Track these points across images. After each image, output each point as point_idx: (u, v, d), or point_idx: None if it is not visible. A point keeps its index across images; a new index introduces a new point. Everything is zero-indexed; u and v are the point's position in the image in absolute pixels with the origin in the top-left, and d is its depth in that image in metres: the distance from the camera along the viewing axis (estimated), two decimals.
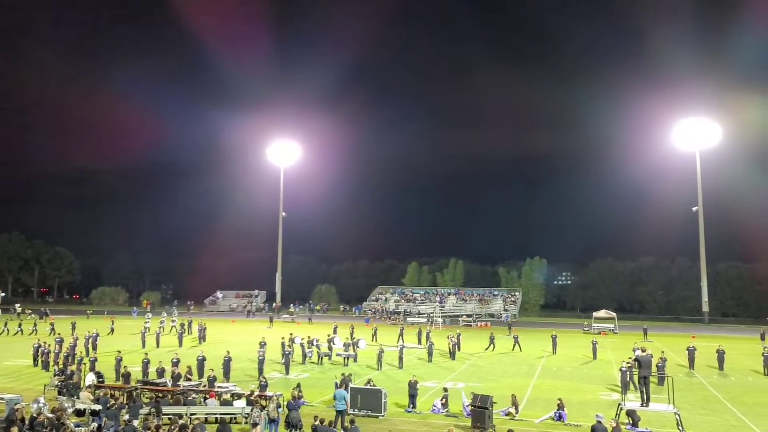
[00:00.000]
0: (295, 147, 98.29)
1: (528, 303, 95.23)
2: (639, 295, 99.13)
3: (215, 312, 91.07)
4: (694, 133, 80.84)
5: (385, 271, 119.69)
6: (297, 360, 35.79)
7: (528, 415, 23.50)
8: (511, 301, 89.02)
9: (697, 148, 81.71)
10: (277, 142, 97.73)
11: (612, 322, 65.13)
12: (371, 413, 22.88)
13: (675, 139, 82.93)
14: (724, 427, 22.29)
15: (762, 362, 34.73)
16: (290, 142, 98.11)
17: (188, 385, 25.31)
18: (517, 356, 41.66)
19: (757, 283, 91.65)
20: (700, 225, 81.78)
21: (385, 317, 78.86)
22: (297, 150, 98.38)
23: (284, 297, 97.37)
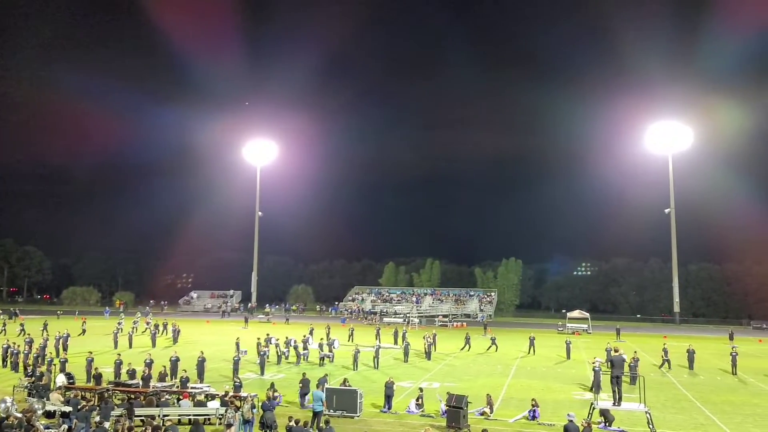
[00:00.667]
0: (272, 146, 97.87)
1: (503, 303, 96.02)
2: (612, 296, 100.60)
3: (190, 312, 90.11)
4: (666, 137, 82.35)
5: (362, 271, 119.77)
6: (272, 360, 35.58)
7: (502, 414, 23.68)
8: (487, 301, 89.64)
9: (670, 151, 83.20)
10: (253, 142, 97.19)
11: (585, 323, 65.93)
12: (347, 414, 22.85)
13: (648, 143, 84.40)
14: (692, 425, 22.71)
15: (731, 362, 35.45)
16: (267, 142, 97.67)
17: (161, 386, 25.00)
18: (493, 356, 41.94)
19: (727, 284, 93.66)
20: (672, 227, 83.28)
21: (362, 317, 78.84)
22: (273, 149, 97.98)
23: (260, 297, 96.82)
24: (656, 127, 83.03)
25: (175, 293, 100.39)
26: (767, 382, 32.66)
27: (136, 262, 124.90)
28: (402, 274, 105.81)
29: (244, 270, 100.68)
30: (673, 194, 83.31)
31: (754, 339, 60.38)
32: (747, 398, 27.95)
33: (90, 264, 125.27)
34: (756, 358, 42.54)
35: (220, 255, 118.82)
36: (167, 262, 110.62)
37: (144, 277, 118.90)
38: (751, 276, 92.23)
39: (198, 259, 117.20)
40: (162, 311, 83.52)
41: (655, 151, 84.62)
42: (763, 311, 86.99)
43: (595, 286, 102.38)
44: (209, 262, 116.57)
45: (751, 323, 79.51)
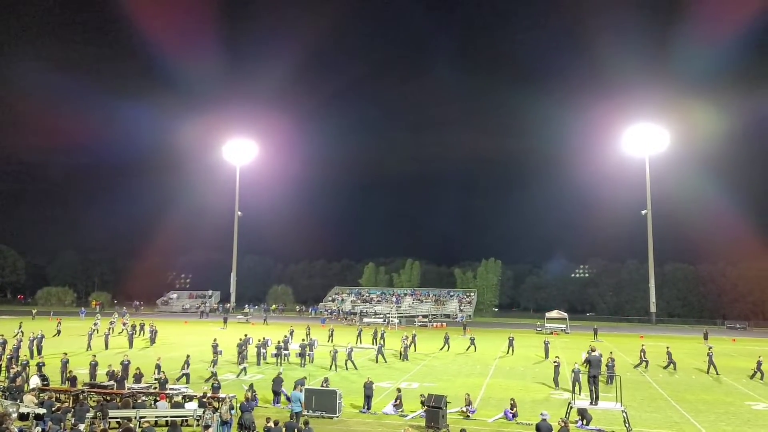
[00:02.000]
0: (252, 146, 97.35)
1: (483, 303, 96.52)
2: (590, 296, 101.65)
3: (168, 313, 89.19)
4: (643, 139, 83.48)
5: (342, 272, 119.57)
6: (252, 361, 35.36)
7: (481, 414, 23.78)
8: (467, 301, 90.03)
9: (647, 154, 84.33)
10: (233, 141, 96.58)
11: (564, 323, 66.55)
12: (326, 414, 22.78)
13: (625, 145, 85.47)
14: (667, 423, 23.02)
15: (708, 361, 36.01)
16: (246, 141, 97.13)
17: (137, 387, 24.70)
18: (472, 356, 42.11)
19: (701, 285, 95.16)
20: (649, 228, 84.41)
21: (342, 318, 78.70)
22: (253, 149, 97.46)
23: (239, 297, 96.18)
24: (633, 130, 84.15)
25: (152, 293, 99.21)
26: (740, 380, 33.26)
27: (113, 262, 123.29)
28: (382, 275, 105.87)
29: (223, 270, 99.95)
30: (649, 196, 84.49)
31: (728, 338, 61.48)
32: (721, 397, 28.43)
33: (65, 264, 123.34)
34: (730, 357, 43.27)
35: (198, 255, 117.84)
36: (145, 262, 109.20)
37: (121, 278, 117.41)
38: (725, 277, 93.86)
39: (176, 259, 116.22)
40: (137, 311, 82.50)
41: (633, 153, 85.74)
42: (736, 311, 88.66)
43: (573, 287, 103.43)
44: (188, 262, 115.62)
45: (725, 323, 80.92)
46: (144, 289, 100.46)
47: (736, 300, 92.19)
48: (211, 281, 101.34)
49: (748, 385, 32.02)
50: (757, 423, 23.26)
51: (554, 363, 30.68)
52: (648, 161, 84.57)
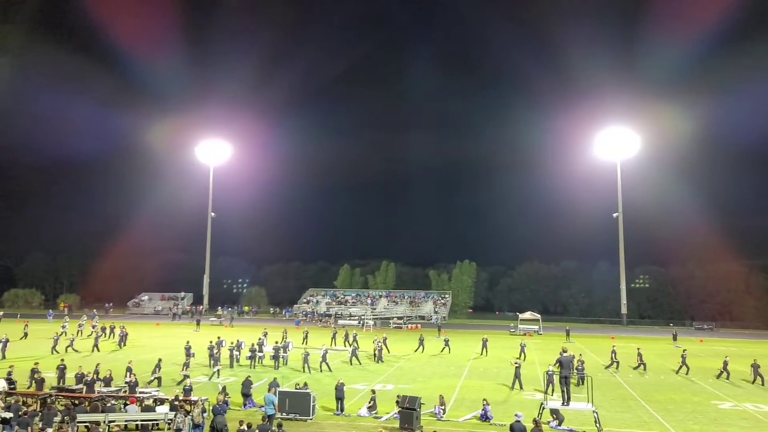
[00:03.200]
0: (226, 146, 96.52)
1: (457, 305, 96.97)
2: (562, 298, 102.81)
3: (139, 315, 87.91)
4: (614, 143, 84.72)
5: (317, 273, 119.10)
6: (225, 363, 35.04)
7: (454, 415, 23.91)
8: (441, 303, 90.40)
9: (618, 158, 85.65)
10: (206, 141, 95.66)
11: (537, 324, 67.20)
12: (299, 417, 22.67)
13: (597, 149, 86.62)
14: (637, 423, 23.40)
15: (681, 362, 36.65)
16: (220, 141, 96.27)
17: (107, 391, 24.30)
18: (446, 358, 42.29)
19: (671, 287, 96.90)
20: (620, 231, 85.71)
21: (316, 320, 78.41)
22: (227, 149, 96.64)
23: (212, 299, 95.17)
24: (605, 133, 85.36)
25: (123, 295, 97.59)
26: (707, 380, 33.94)
27: (82, 263, 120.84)
28: (357, 276, 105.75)
29: (196, 272, 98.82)
30: (621, 200, 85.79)
31: (696, 339, 62.68)
32: (688, 396, 28.98)
33: (33, 265, 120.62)
34: (698, 357, 44.11)
35: (171, 256, 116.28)
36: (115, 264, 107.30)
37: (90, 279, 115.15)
38: (694, 279, 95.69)
39: (148, 261, 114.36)
40: (107, 314, 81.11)
41: (604, 157, 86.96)
42: (704, 312, 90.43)
43: (546, 288, 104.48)
44: (160, 264, 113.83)
45: (693, 324, 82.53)
46: (114, 291, 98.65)
47: (704, 301, 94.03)
48: (183, 283, 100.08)
49: (714, 384, 32.70)
50: (723, 422, 23.77)
51: (515, 365, 30.87)
52: (619, 165, 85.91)
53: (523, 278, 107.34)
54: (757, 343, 60.57)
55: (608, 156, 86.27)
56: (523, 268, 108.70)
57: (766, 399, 28.64)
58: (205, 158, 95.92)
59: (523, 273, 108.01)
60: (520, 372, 30.47)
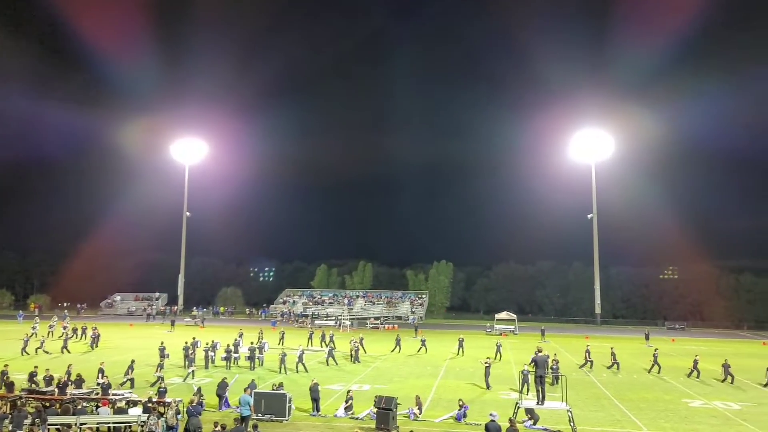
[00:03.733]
0: (201, 145, 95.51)
1: (434, 305, 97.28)
2: (538, 298, 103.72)
3: (112, 315, 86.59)
4: (589, 145, 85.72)
5: (294, 274, 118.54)
6: (200, 364, 34.69)
7: (431, 415, 23.97)
8: (418, 303, 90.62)
9: (593, 160, 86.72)
10: (182, 140, 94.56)
11: (512, 324, 67.69)
12: (275, 418, 22.54)
13: (572, 151, 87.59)
14: (610, 421, 23.72)
15: (653, 360, 37.21)
16: (196, 140, 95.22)
17: (79, 393, 23.88)
18: (423, 358, 42.39)
19: (644, 287, 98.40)
20: (594, 232, 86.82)
21: (293, 320, 78.03)
22: (203, 148, 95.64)
23: (187, 299, 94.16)
24: (580, 135, 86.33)
25: (96, 296, 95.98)
26: (678, 379, 34.54)
27: (53, 263, 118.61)
28: (334, 277, 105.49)
29: (171, 271, 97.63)
30: (595, 201, 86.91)
31: (668, 339, 63.76)
32: (660, 395, 29.45)
33: (3, 265, 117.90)
34: (669, 356, 44.83)
35: (145, 256, 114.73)
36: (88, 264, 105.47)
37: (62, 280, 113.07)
38: (666, 279, 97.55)
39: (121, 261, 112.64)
40: (78, 314, 79.76)
41: (579, 159, 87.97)
42: (676, 312, 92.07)
43: (521, 289, 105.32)
44: (134, 264, 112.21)
45: (665, 324, 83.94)
46: (87, 292, 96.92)
47: (675, 302, 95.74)
48: (158, 283, 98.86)
49: (685, 383, 33.29)
50: (693, 420, 24.21)
51: (485, 364, 31.00)
52: (594, 167, 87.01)
53: (500, 278, 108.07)
54: (726, 343, 61.83)
55: (583, 158, 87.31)
56: (500, 268, 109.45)
57: (735, 397, 29.23)
58: (180, 157, 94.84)
59: (500, 273, 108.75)
60: (490, 371, 30.62)
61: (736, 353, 48.44)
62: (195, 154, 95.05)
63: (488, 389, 29.66)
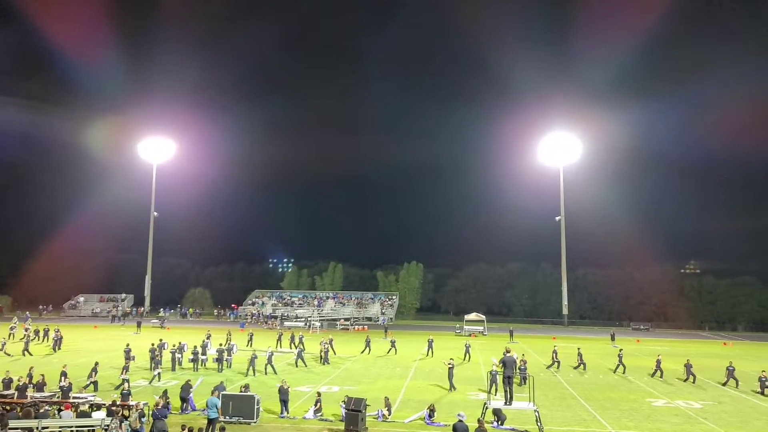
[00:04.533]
0: (169, 144, 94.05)
1: (404, 306, 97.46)
2: (507, 299, 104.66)
3: (76, 317, 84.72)
4: (557, 149, 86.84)
5: (263, 275, 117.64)
6: (167, 366, 34.14)
7: (400, 416, 24.00)
8: (389, 304, 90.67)
9: (561, 163, 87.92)
10: (149, 139, 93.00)
11: (482, 325, 68.18)
12: (243, 420, 22.31)
13: (541, 154, 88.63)
14: (576, 421, 24.06)
15: (618, 361, 37.84)
16: (164, 139, 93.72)
17: (40, 396, 23.31)
18: (392, 359, 42.44)
19: (610, 288, 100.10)
20: (562, 234, 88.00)
21: (262, 322, 77.39)
22: (171, 148, 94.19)
23: (154, 301, 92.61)
24: (548, 139, 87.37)
25: (59, 297, 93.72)
26: (642, 379, 35.22)
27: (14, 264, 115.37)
28: (304, 278, 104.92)
29: (137, 272, 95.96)
30: (563, 203, 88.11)
31: (633, 339, 64.95)
32: (625, 395, 29.99)
33: None
34: (634, 357, 45.66)
35: (110, 256, 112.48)
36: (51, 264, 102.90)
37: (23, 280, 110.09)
38: (632, 280, 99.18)
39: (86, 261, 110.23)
40: (41, 316, 77.85)
41: (548, 162, 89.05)
42: (641, 313, 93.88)
43: (491, 290, 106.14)
44: (99, 265, 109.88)
45: (630, 324, 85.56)
46: (50, 293, 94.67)
47: (641, 303, 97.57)
48: (124, 284, 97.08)
49: (649, 383, 33.96)
50: (657, 418, 24.71)
51: (448, 365, 31.01)
52: (562, 171, 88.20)
53: (469, 280, 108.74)
54: (689, 343, 63.33)
55: (552, 161, 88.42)
56: (469, 269, 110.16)
57: (696, 396, 29.94)
58: (147, 156, 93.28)
59: (469, 274, 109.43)
60: (453, 372, 30.70)
61: (698, 353, 49.63)
62: (163, 154, 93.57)
63: (452, 390, 29.74)
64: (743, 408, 27.37)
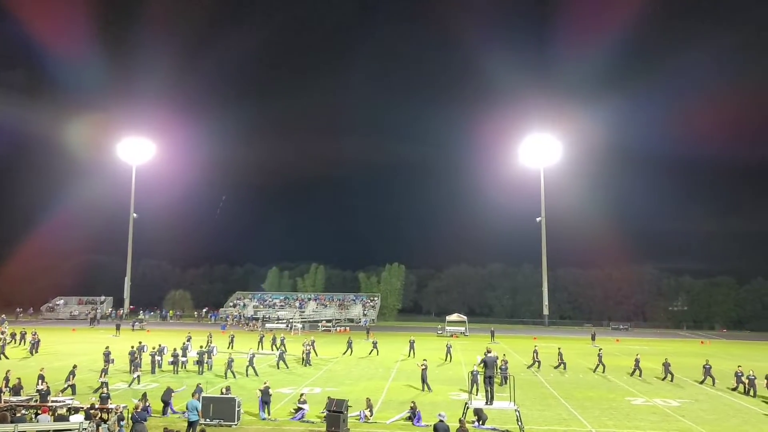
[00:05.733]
0: (149, 145, 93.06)
1: (386, 308, 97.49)
2: (488, 300, 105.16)
3: (53, 320, 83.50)
4: (538, 150, 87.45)
5: (244, 276, 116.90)
6: (146, 369, 33.81)
7: (383, 417, 24.02)
8: (370, 305, 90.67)
9: (542, 165, 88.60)
10: (128, 139, 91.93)
11: (463, 325, 68.47)
12: (224, 422, 22.18)
13: (522, 156, 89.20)
14: (556, 420, 24.27)
15: (598, 360, 38.18)
16: (143, 140, 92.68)
17: (16, 400, 22.96)
18: (374, 360, 42.45)
19: (590, 288, 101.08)
20: (543, 234, 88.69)
21: (243, 323, 76.94)
22: (150, 148, 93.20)
23: (134, 303, 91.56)
24: (529, 140, 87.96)
25: (36, 299, 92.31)
26: (621, 378, 35.63)
27: None
28: (286, 279, 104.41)
29: (116, 274, 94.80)
30: (543, 204, 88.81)
31: (612, 339, 65.68)
32: (604, 394, 30.31)
33: None
34: (613, 356, 46.14)
35: (89, 258, 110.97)
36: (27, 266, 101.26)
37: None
38: (611, 281, 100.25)
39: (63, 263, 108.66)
40: (17, 319, 76.62)
41: (529, 164, 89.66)
42: (620, 313, 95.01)
43: (472, 290, 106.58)
44: (77, 266, 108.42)
45: (610, 324, 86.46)
46: (26, 295, 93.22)
47: (620, 303, 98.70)
48: (103, 286, 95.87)
49: (628, 382, 34.37)
50: (636, 417, 25.02)
51: (421, 367, 30.88)
52: (543, 172, 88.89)
53: (451, 281, 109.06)
54: (667, 342, 64.20)
55: (532, 162, 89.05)
56: (451, 270, 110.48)
57: (674, 394, 30.37)
58: (126, 157, 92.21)
59: (451, 275, 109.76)
60: (427, 374, 30.63)
61: (676, 352, 50.34)
62: (142, 154, 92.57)
63: (426, 391, 29.68)
64: (719, 405, 27.82)
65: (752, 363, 39.24)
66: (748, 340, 70.65)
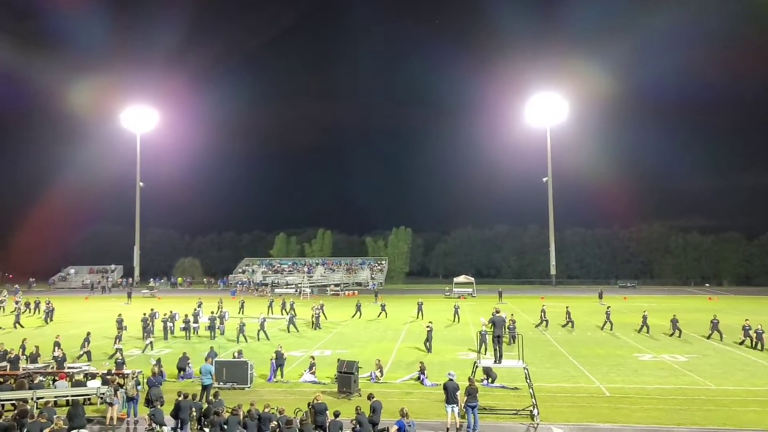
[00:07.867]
0: (153, 113, 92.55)
1: (394, 271, 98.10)
2: (495, 261, 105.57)
3: (66, 289, 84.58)
4: (544, 109, 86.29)
5: (252, 243, 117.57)
6: (159, 335, 34.36)
7: (392, 377, 24.39)
8: (378, 269, 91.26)
9: (548, 124, 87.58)
10: (132, 107, 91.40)
11: (470, 287, 68.88)
12: (237, 385, 22.58)
13: (528, 115, 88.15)
14: (565, 377, 24.58)
15: (606, 318, 38.41)
16: (147, 108, 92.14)
17: (34, 367, 23.41)
18: (383, 322, 42.90)
19: (597, 247, 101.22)
20: (549, 195, 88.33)
21: (253, 289, 77.71)
22: (155, 116, 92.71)
23: (144, 271, 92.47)
24: (535, 100, 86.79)
25: (48, 269, 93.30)
26: (629, 335, 35.92)
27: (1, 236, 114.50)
28: (293, 245, 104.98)
29: (126, 243, 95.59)
30: (550, 164, 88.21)
31: (620, 297, 66.02)
32: (612, 350, 30.62)
33: None
34: (621, 314, 46.41)
35: (98, 228, 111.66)
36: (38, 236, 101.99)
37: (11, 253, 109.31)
38: (618, 239, 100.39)
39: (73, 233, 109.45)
40: (30, 289, 77.62)
41: (535, 123, 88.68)
42: (627, 271, 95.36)
43: (479, 252, 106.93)
44: (86, 236, 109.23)
45: (618, 282, 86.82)
46: (39, 265, 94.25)
47: (627, 261, 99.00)
48: (113, 255, 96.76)
49: (636, 338, 34.67)
50: (643, 372, 25.29)
51: (427, 328, 31.28)
52: (549, 131, 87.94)
53: (458, 243, 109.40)
54: (674, 299, 64.52)
55: (538, 122, 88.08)
56: (458, 233, 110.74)
57: (681, 350, 30.63)
58: (131, 125, 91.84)
59: (458, 238, 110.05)
60: (432, 335, 30.87)
61: (683, 308, 50.60)
62: (146, 122, 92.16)
63: (428, 352, 30.03)
64: (727, 360, 28.07)
65: (760, 317, 39.39)
66: (756, 295, 70.82)
